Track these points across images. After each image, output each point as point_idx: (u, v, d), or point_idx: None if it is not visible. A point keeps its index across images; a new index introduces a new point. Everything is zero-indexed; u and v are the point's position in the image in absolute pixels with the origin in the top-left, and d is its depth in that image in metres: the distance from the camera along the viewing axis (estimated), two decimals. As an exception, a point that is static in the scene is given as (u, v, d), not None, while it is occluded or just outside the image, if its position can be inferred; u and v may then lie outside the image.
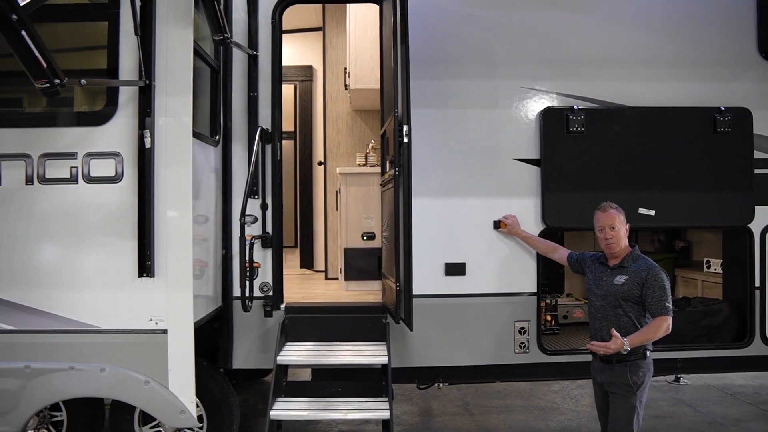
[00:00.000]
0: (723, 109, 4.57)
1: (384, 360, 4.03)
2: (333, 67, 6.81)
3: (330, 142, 6.78)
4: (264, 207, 4.43)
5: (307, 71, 7.57)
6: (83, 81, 2.77)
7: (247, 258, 4.05)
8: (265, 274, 4.47)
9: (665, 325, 3.42)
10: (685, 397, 6.26)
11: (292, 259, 7.53)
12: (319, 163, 6.97)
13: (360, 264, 5.48)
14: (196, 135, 3.95)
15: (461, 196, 4.50)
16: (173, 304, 3.41)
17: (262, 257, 4.47)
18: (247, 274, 4.25)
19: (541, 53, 4.59)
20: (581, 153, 4.52)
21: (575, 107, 4.51)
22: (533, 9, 4.62)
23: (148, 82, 3.37)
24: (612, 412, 3.54)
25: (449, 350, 4.49)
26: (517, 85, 4.55)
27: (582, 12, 4.64)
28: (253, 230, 4.43)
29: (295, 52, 7.58)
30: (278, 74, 4.50)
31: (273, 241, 4.44)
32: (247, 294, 4.10)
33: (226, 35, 3.39)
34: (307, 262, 7.47)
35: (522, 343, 4.51)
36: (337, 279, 6.26)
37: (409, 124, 3.66)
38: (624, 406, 3.47)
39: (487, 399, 6.28)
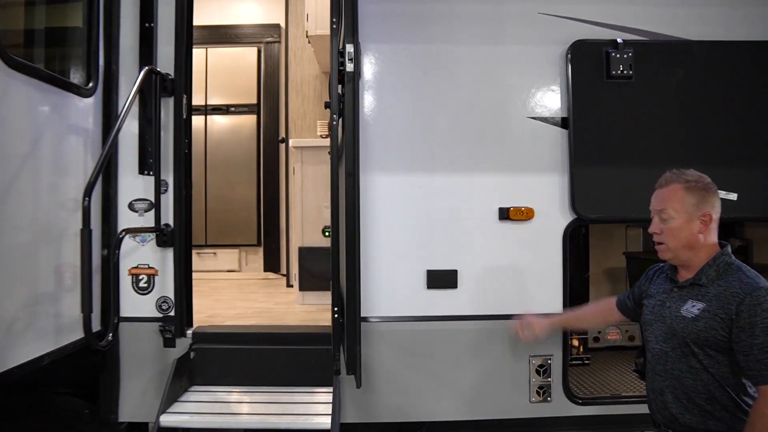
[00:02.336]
0: (838, 43, 3.11)
1: (325, 422, 2.59)
2: (297, 19, 5.43)
3: (293, 112, 5.38)
4: (161, 188, 3.02)
5: (273, 31, 6.16)
6: None
7: (86, 261, 2.65)
8: (163, 285, 3.06)
9: None
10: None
11: (254, 261, 6.17)
12: (281, 141, 5.54)
13: (319, 269, 4.06)
14: (42, 76, 2.56)
15: (451, 172, 3.06)
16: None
17: (160, 260, 3.07)
18: (132, 285, 2.88)
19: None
20: (628, 108, 3.07)
21: (619, 40, 3.06)
22: None
23: None
24: None
25: (435, 399, 3.05)
26: (532, 10, 3.10)
27: None
28: (147, 221, 3.04)
29: (259, 8, 6.20)
30: (187, -4, 3.09)
31: (176, 238, 3.03)
32: (112, 318, 2.69)
33: None
34: (272, 264, 6.07)
35: (541, 387, 3.08)
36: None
37: (354, 42, 2.21)
38: None
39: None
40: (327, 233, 4.06)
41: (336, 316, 2.35)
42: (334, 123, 2.27)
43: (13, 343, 2.28)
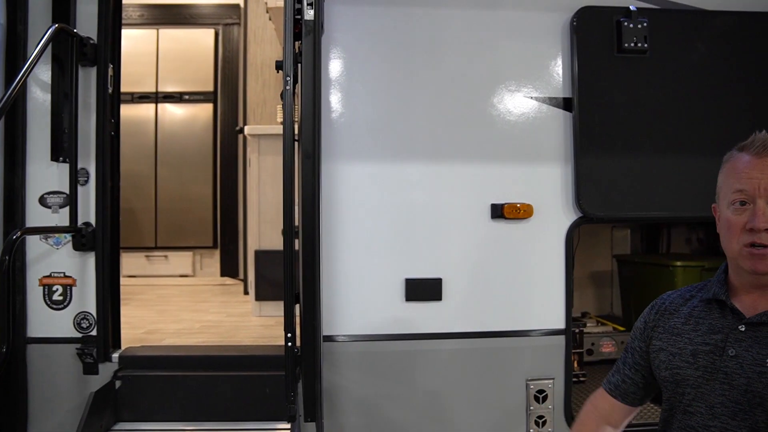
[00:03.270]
0: None
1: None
2: (258, -5, 4.86)
3: (252, 99, 4.82)
4: (77, 178, 2.45)
5: (233, 12, 5.59)
6: None
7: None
8: (83, 299, 2.50)
9: None
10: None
11: (210, 265, 5.60)
12: (238, 131, 4.97)
13: (278, 276, 3.49)
14: None
15: (434, 160, 2.56)
16: None
17: (79, 267, 2.50)
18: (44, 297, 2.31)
19: None
20: (643, 86, 2.61)
21: (632, 8, 2.60)
22: None
23: None
24: None
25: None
26: (531, -30, 2.63)
27: None
28: (63, 218, 2.48)
29: (217, -15, 5.63)
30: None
31: (98, 240, 2.47)
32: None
33: None
34: (229, 268, 5.49)
35: (540, 417, 2.59)
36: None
37: (316, -18, 1.70)
38: None
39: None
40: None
41: (290, 344, 1.82)
42: (288, 88, 1.74)
43: None
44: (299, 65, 1.80)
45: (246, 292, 4.60)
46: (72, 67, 2.43)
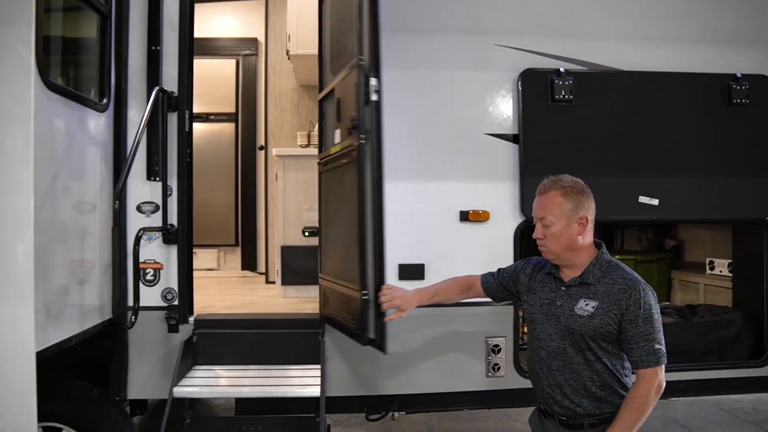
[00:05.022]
0: (740, 76, 3.73)
1: (315, 392, 3.07)
2: (276, 35, 5.85)
3: (272, 122, 5.81)
4: (167, 192, 3.44)
5: (252, 44, 6.57)
6: None
7: (117, 254, 3.06)
8: (168, 278, 3.48)
9: (656, 382, 2.15)
10: (677, 415, 5.43)
11: (232, 260, 6.56)
12: (260, 148, 5.97)
13: (300, 265, 4.52)
14: (72, 95, 2.95)
15: (418, 179, 3.57)
16: (4, 323, 2.40)
17: (165, 256, 3.49)
18: (140, 278, 3.29)
19: (518, 2, 3.69)
20: (569, 127, 3.63)
21: (562, 70, 3.62)
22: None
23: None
24: None
25: (404, 375, 3.55)
26: (489, 42, 3.64)
27: (569, -46, 3.76)
28: (153, 221, 3.46)
29: (238, 22, 6.60)
30: (188, 21, 3.51)
31: (179, 236, 3.45)
32: (132, 304, 3.11)
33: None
34: (249, 263, 6.48)
35: (495, 364, 3.60)
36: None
37: (378, 76, 2.73)
38: None
39: (455, 421, 5.38)
40: (307, 233, 4.52)
41: (365, 298, 2.85)
42: (363, 142, 2.75)
43: (50, 324, 2.67)
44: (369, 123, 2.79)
45: (268, 282, 5.57)
46: (161, 113, 3.41)
